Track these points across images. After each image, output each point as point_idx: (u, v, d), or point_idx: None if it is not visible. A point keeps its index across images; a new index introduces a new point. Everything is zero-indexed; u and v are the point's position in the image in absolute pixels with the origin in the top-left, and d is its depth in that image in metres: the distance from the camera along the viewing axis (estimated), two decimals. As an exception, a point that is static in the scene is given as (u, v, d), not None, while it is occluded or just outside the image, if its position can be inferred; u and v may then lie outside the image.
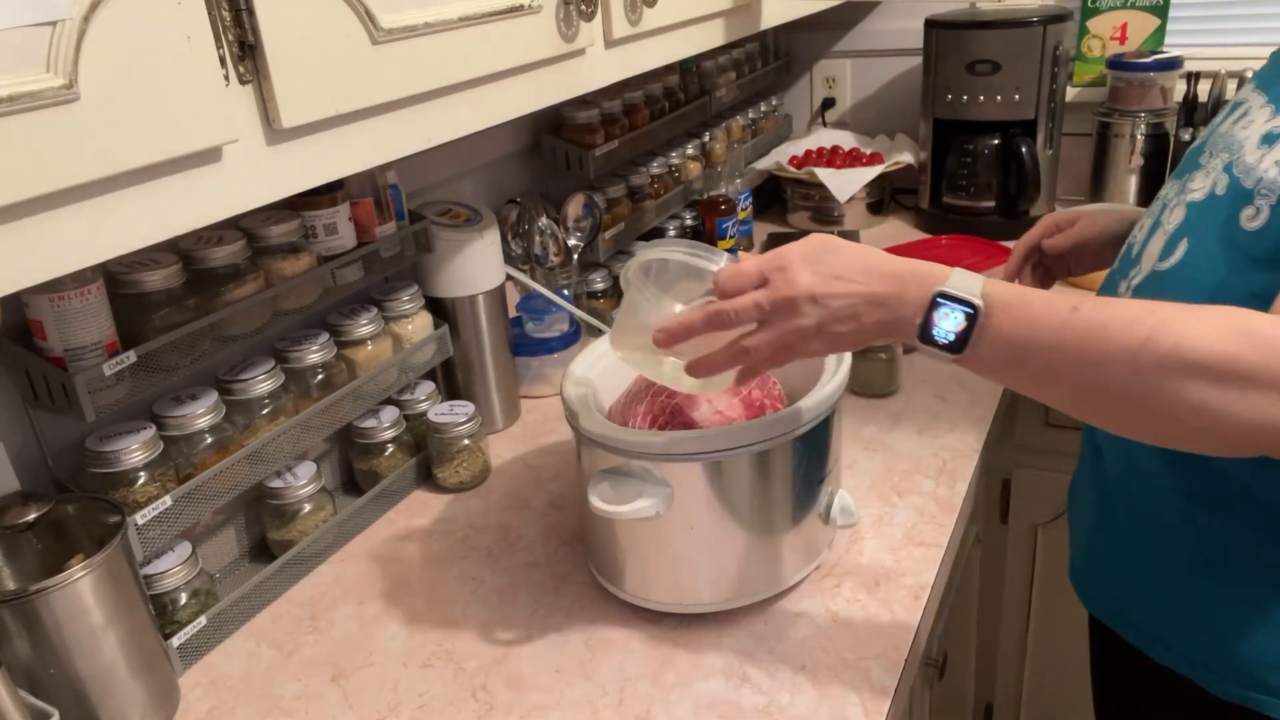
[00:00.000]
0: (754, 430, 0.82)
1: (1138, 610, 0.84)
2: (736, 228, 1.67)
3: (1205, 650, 0.78)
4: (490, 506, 1.10)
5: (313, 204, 0.97)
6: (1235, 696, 0.77)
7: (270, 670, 0.88)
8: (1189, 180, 0.77)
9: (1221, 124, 0.78)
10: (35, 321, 0.77)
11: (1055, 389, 0.65)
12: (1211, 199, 0.73)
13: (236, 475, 0.91)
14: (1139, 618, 0.84)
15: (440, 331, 1.16)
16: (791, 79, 2.15)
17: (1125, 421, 0.64)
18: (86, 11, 0.49)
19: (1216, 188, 0.73)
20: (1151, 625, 0.83)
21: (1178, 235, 0.75)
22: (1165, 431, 0.63)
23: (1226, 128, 0.76)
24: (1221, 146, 0.75)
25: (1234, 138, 0.74)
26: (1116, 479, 0.84)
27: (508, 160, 1.43)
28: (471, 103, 0.80)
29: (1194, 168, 0.78)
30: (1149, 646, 0.83)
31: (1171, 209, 0.78)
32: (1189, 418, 0.59)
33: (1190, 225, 0.74)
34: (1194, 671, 0.79)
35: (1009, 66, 1.69)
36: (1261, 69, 0.80)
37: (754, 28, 1.27)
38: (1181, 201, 0.77)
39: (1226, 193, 0.71)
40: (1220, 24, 1.78)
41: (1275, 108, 0.71)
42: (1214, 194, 0.72)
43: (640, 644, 0.87)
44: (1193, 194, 0.75)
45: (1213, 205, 0.72)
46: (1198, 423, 0.60)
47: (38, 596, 0.71)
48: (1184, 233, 0.74)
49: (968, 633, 1.43)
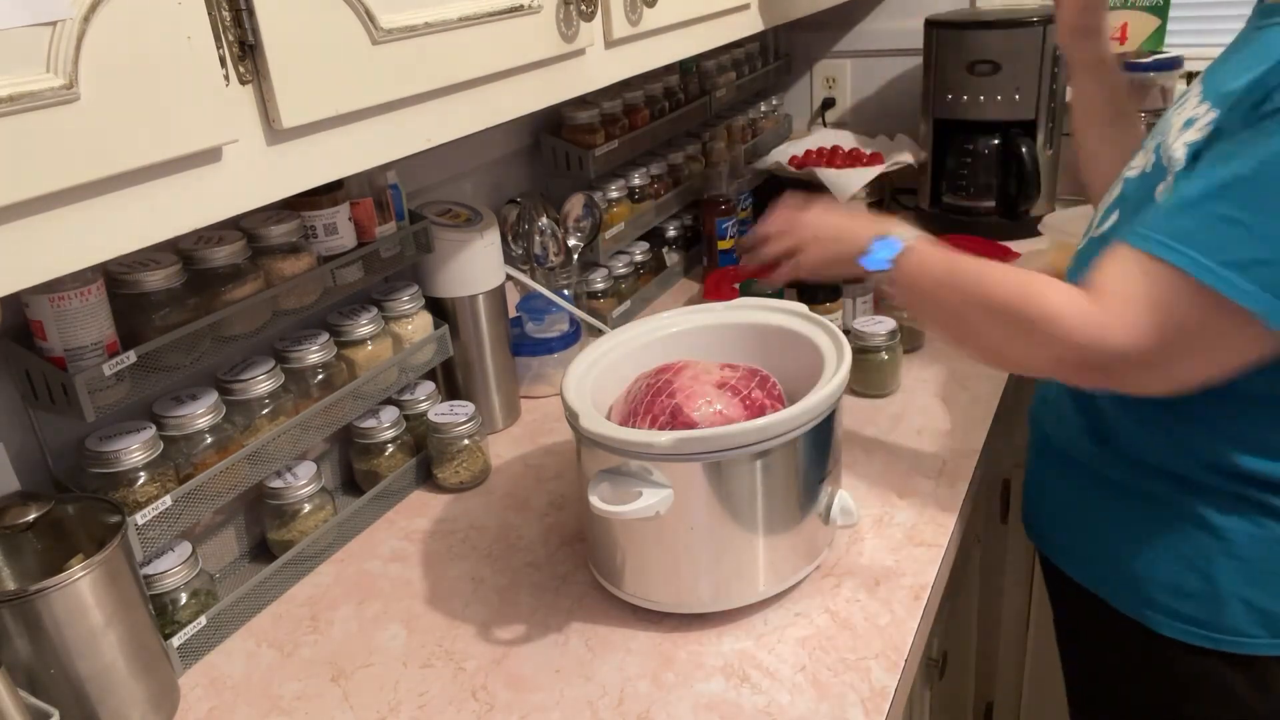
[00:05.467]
0: (754, 430, 0.82)
1: (1059, 535, 0.99)
2: (736, 228, 1.67)
3: (1107, 567, 0.92)
4: (490, 506, 1.10)
5: (313, 204, 0.97)
6: (1131, 611, 0.90)
7: (270, 670, 0.88)
8: (1134, 159, 0.89)
9: (1168, 111, 0.88)
10: (35, 321, 0.77)
11: (931, 311, 0.90)
12: (1142, 176, 0.84)
13: (236, 475, 0.91)
14: (1059, 542, 0.99)
15: (440, 331, 1.16)
16: (791, 79, 2.15)
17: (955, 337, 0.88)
18: (86, 11, 0.49)
19: (1147, 166, 0.83)
20: (1069, 548, 0.98)
21: (1111, 206, 0.88)
22: (978, 350, 0.86)
23: (1167, 113, 0.87)
24: (1159, 130, 0.85)
25: (1169, 122, 0.83)
26: (1044, 414, 1.00)
27: (508, 160, 1.43)
28: (471, 103, 0.80)
29: (1139, 149, 0.89)
30: (1068, 564, 0.97)
31: (1117, 183, 0.90)
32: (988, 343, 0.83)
33: (1123, 198, 0.87)
34: (1098, 587, 0.93)
35: (1009, 66, 1.69)
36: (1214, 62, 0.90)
37: (754, 27, 1.27)
38: (1122, 177, 0.89)
39: (1152, 170, 0.82)
40: (1220, 24, 1.78)
41: (1201, 98, 0.79)
42: (1145, 172, 0.83)
43: (640, 644, 0.87)
44: (1131, 171, 0.87)
45: (1142, 181, 0.83)
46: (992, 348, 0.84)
47: (38, 596, 0.71)
48: (1116, 205, 0.87)
49: (968, 633, 1.43)
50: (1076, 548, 0.96)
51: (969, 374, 1.29)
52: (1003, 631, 1.62)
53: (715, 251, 1.66)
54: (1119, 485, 0.90)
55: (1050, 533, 1.01)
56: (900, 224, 0.93)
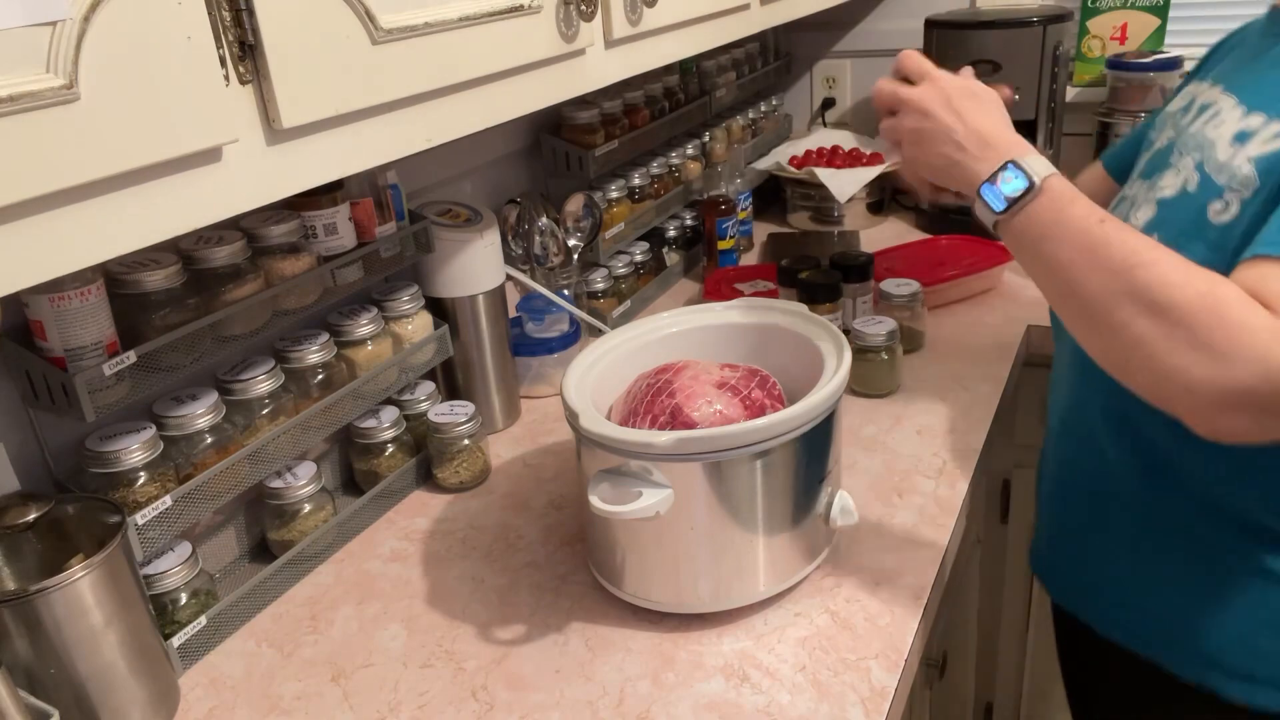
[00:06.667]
0: (754, 430, 0.82)
1: (1095, 592, 0.88)
2: (736, 228, 1.67)
3: (1161, 630, 0.82)
4: (490, 506, 1.10)
5: (313, 204, 0.97)
6: (1191, 675, 0.80)
7: (270, 670, 0.88)
8: (1159, 179, 0.81)
9: (1190, 125, 0.81)
10: (35, 321, 0.77)
11: (1052, 275, 0.71)
12: (1183, 196, 0.77)
13: (236, 475, 0.91)
14: (1097, 599, 0.88)
15: (440, 331, 1.16)
16: (791, 79, 2.15)
17: (1081, 325, 0.71)
18: (86, 11, 0.49)
19: (1188, 185, 0.77)
20: (1109, 606, 0.86)
21: (1148, 229, 0.79)
22: (1109, 350, 0.69)
23: (1197, 128, 0.79)
24: (1192, 146, 0.78)
25: (1205, 137, 0.77)
26: (1073, 458, 0.89)
27: (508, 160, 1.43)
28: (471, 103, 0.80)
29: (1164, 167, 0.82)
30: (1108, 628, 0.86)
31: (1139, 206, 0.83)
32: (1130, 346, 0.66)
33: (1161, 220, 0.79)
34: (1151, 651, 0.83)
35: (1009, 66, 1.69)
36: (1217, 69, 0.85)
37: (754, 27, 1.27)
38: (1151, 199, 0.81)
39: (1197, 189, 0.75)
40: (1220, 24, 1.77)
41: (1246, 108, 0.75)
42: (1185, 191, 0.77)
43: (640, 644, 0.87)
44: (1163, 191, 0.80)
45: (1184, 201, 0.76)
46: (1135, 355, 0.66)
47: (38, 596, 0.71)
48: (1155, 227, 0.79)
49: (968, 633, 1.43)
50: (1115, 602, 0.86)
51: (969, 374, 1.29)
52: (1003, 631, 1.62)
53: (715, 251, 1.66)
54: (1177, 529, 0.79)
55: (1076, 584, 0.90)
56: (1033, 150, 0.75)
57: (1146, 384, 0.67)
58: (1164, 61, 1.66)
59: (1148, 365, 0.65)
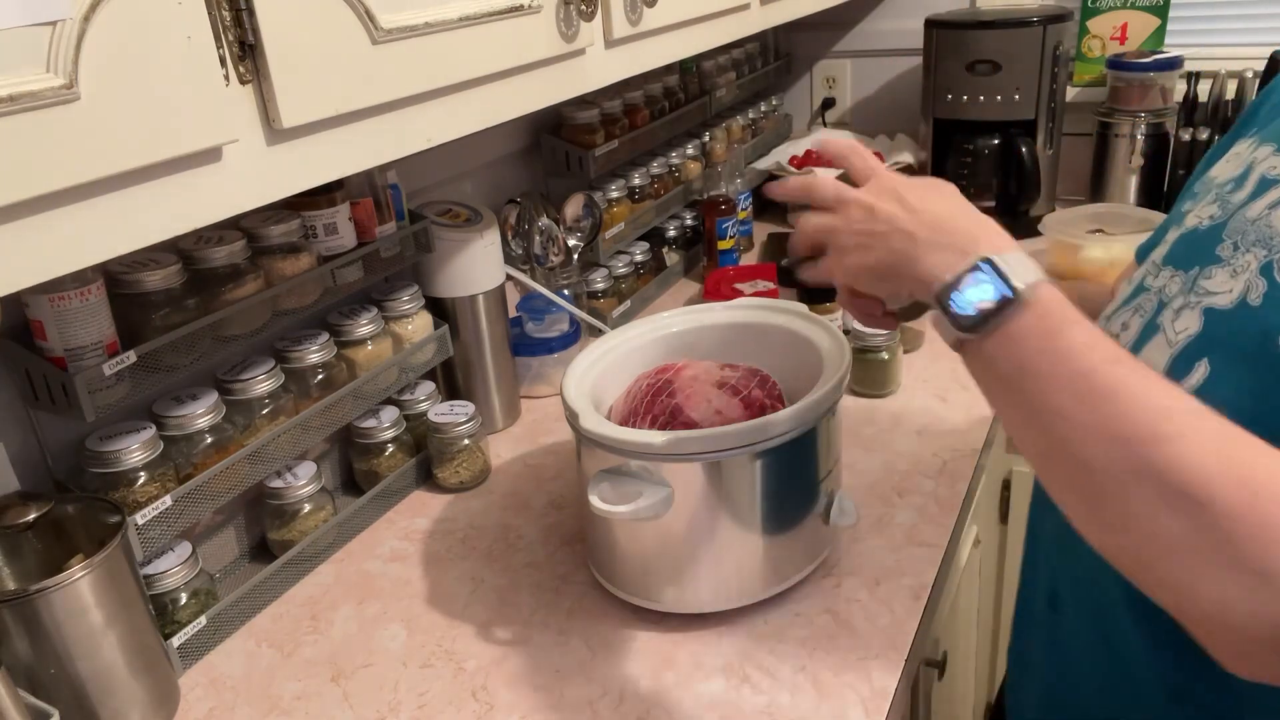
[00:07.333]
0: (754, 430, 0.82)
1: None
2: (736, 228, 1.67)
3: None
4: (490, 506, 1.10)
5: (313, 204, 0.97)
6: None
7: (270, 670, 0.88)
8: (1204, 276, 0.61)
9: (1248, 206, 0.61)
10: (35, 321, 0.77)
11: (1033, 427, 0.54)
12: (1242, 309, 0.57)
13: (236, 475, 0.91)
14: None
15: (440, 331, 1.16)
16: (791, 79, 2.15)
17: (1071, 499, 0.53)
18: (86, 11, 0.49)
19: (1249, 294, 0.57)
20: None
21: (1194, 353, 0.59)
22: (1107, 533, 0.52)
23: (1258, 212, 0.59)
24: (1254, 239, 0.58)
25: (1273, 228, 0.57)
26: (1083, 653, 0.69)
27: (508, 160, 1.43)
28: (471, 103, 0.80)
29: (1211, 259, 0.61)
30: None
31: (1177, 311, 0.62)
32: (1143, 540, 0.49)
33: (1211, 340, 0.58)
34: None
35: (1009, 66, 1.69)
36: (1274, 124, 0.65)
37: (754, 27, 1.27)
38: (1195, 305, 0.60)
39: (1263, 303, 0.56)
40: (1220, 24, 1.78)
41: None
42: (1245, 302, 0.57)
43: (640, 644, 0.87)
44: (1213, 298, 0.59)
45: (1244, 317, 0.56)
46: (1147, 549, 0.49)
47: (38, 596, 0.71)
48: (1202, 351, 0.58)
49: (968, 633, 1.43)
50: None
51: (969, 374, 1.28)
52: (1003, 632, 1.62)
53: (715, 251, 1.66)
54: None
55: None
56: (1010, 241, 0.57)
57: (1170, 601, 0.49)
58: (1164, 61, 1.66)
59: (1169, 577, 0.48)
